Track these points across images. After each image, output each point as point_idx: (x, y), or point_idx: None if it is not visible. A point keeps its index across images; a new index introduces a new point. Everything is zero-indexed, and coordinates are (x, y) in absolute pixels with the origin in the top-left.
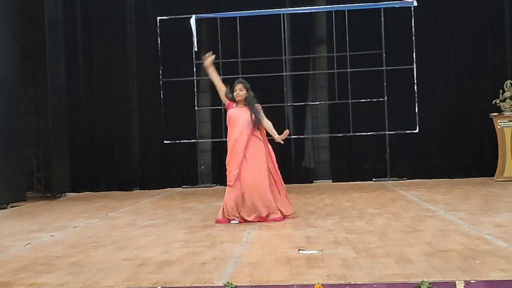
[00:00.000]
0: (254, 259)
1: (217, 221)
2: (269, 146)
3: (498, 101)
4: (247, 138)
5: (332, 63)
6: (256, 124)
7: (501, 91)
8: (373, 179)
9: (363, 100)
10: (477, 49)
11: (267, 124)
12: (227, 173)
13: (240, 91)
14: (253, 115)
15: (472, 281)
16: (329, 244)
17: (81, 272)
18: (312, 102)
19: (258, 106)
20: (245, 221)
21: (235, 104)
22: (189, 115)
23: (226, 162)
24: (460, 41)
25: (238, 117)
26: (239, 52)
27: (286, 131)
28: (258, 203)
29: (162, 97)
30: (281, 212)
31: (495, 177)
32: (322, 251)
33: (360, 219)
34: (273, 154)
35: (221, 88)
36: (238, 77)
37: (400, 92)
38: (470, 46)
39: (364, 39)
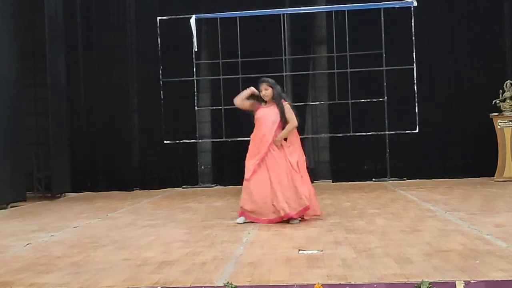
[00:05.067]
0: (254, 259)
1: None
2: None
3: (498, 101)
4: (271, 140)
5: (332, 63)
6: (284, 120)
7: (501, 91)
8: (373, 179)
9: (363, 100)
10: (477, 49)
11: (289, 125)
12: (246, 170)
13: (265, 90)
14: (278, 115)
15: (472, 281)
16: (329, 244)
17: (81, 272)
18: (312, 102)
19: (287, 104)
20: (259, 220)
21: (262, 103)
22: (189, 115)
23: (246, 160)
24: (460, 41)
25: (266, 118)
26: (239, 52)
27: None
28: (276, 202)
29: (162, 97)
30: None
31: (495, 177)
32: (322, 251)
33: (360, 219)
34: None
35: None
36: (238, 77)
37: (400, 92)
38: (470, 46)
39: (364, 39)
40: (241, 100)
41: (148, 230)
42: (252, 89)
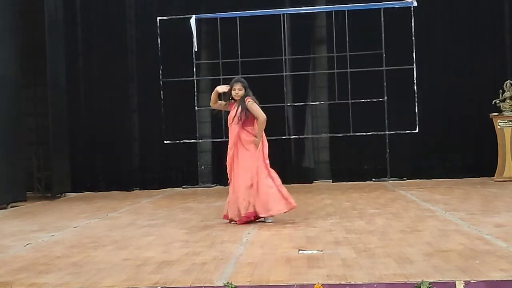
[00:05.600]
0: (254, 259)
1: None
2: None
3: (498, 101)
4: (235, 140)
5: (332, 63)
6: (241, 116)
7: (501, 91)
8: (373, 179)
9: (363, 100)
10: (477, 49)
11: (259, 121)
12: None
13: (239, 90)
14: (239, 111)
15: (472, 281)
16: (329, 244)
17: (81, 272)
18: (312, 102)
19: (248, 99)
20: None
21: (234, 104)
22: (189, 115)
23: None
24: (460, 41)
25: (230, 118)
26: (239, 52)
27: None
28: (239, 203)
29: (162, 97)
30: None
31: (495, 177)
32: (322, 251)
33: (360, 219)
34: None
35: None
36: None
37: (400, 92)
38: (470, 46)
39: (364, 39)
40: (213, 104)
41: (148, 230)
42: (218, 89)
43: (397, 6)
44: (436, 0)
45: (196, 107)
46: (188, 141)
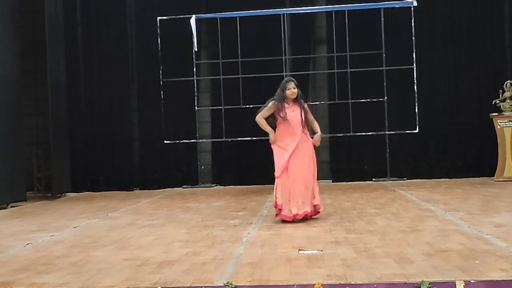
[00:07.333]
0: (254, 259)
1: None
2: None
3: (498, 101)
4: (299, 137)
5: (332, 63)
6: (304, 119)
7: (501, 91)
8: (373, 179)
9: (363, 100)
10: (477, 49)
11: (317, 125)
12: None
13: (293, 89)
14: (303, 113)
15: (472, 281)
16: (329, 244)
17: (81, 272)
18: (312, 102)
19: (305, 105)
20: (294, 216)
21: (285, 104)
22: (189, 115)
23: (276, 159)
24: (460, 41)
25: (294, 117)
26: (239, 52)
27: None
28: (304, 198)
29: (162, 97)
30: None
31: (495, 177)
32: (322, 251)
33: (360, 219)
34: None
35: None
36: (238, 77)
37: (400, 92)
38: (470, 46)
39: (364, 39)
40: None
41: (148, 230)
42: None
43: (397, 6)
44: (436, 0)
45: (196, 107)
46: (188, 141)
